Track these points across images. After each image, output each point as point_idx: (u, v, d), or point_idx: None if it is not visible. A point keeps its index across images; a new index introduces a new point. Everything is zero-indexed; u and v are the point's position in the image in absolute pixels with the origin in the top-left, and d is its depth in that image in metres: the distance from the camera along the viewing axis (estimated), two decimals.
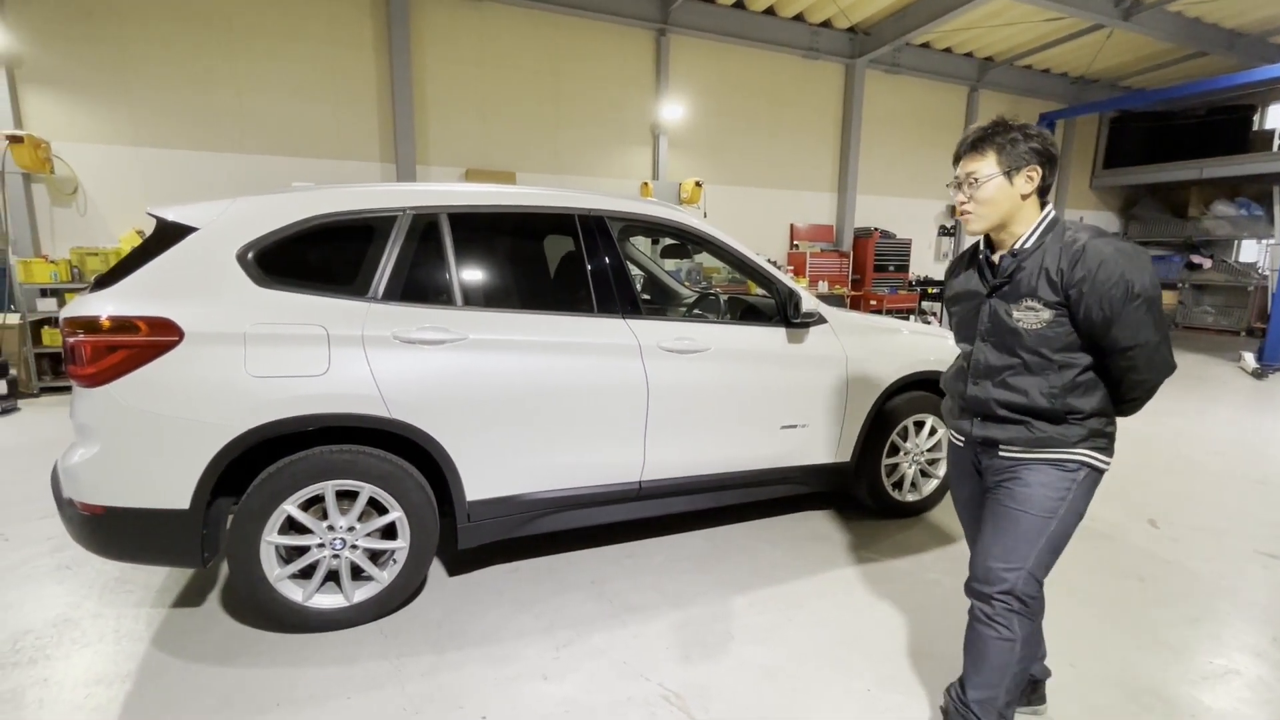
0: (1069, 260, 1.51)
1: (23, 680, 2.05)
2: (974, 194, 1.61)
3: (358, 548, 2.33)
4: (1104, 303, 1.48)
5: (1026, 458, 1.63)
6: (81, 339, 2.02)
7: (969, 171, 1.61)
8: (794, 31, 9.63)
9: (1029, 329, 1.58)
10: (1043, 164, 1.58)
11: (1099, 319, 1.50)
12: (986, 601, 1.64)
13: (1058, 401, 1.57)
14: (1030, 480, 1.61)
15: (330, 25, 7.33)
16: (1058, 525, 1.60)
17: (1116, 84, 12.66)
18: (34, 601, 2.52)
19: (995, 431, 1.66)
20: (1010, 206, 1.60)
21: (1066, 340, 1.56)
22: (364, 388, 2.20)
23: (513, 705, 1.98)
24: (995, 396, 1.65)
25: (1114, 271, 1.46)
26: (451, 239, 2.46)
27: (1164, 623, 2.50)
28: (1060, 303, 1.53)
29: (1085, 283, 1.49)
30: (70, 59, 6.39)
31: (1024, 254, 1.60)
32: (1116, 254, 1.48)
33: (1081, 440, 1.59)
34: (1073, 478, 1.60)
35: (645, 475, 2.71)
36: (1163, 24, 9.14)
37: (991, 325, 1.65)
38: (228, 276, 2.16)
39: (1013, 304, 1.60)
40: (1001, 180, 1.58)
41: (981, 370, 1.68)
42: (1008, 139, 1.57)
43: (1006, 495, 1.64)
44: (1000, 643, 1.61)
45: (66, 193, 6.56)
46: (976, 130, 1.61)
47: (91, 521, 2.08)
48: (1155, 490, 3.97)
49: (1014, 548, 1.61)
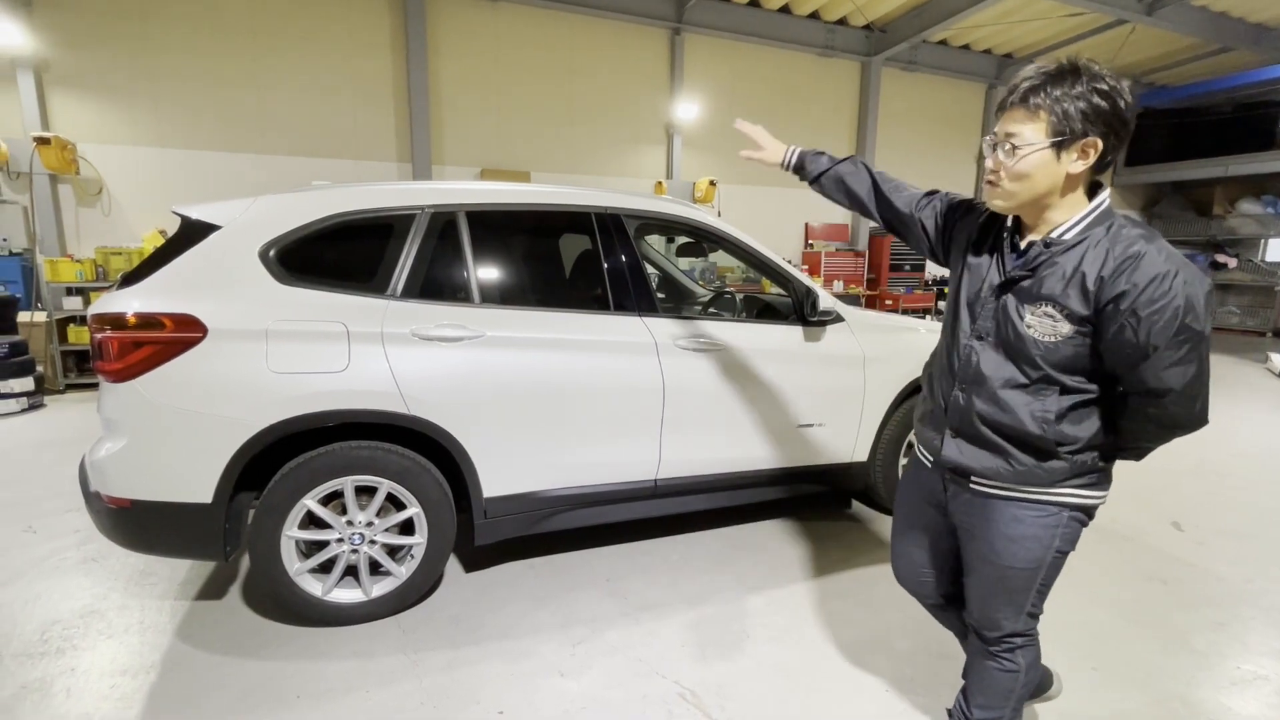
0: (1114, 266, 1.19)
1: (50, 670, 2.10)
2: (1009, 163, 1.25)
3: (376, 543, 2.35)
4: (1142, 329, 1.17)
5: (1003, 495, 1.38)
6: (109, 335, 2.05)
7: (1009, 133, 1.25)
8: (809, 29, 9.58)
9: (1039, 339, 1.28)
10: (1107, 134, 1.20)
11: (1131, 350, 1.20)
12: (985, 642, 1.53)
13: (1050, 429, 1.30)
14: (1009, 531, 1.38)
15: (349, 27, 7.41)
16: (1047, 571, 1.41)
17: (1139, 80, 12.43)
18: (61, 593, 2.57)
19: (970, 459, 1.40)
20: (1049, 186, 1.25)
21: (1079, 363, 1.27)
22: (383, 384, 2.22)
23: (529, 701, 1.98)
24: (980, 410, 1.37)
25: (1169, 294, 1.15)
26: (469, 237, 2.47)
27: (1189, 627, 2.46)
28: (1088, 318, 1.23)
29: (1126, 299, 1.17)
30: (96, 62, 6.52)
31: (1058, 247, 1.26)
32: (1176, 271, 1.15)
33: (1067, 478, 1.34)
34: (1057, 519, 1.37)
35: (661, 473, 2.71)
36: (1187, 19, 8.96)
37: (996, 324, 1.35)
38: (250, 274, 2.19)
39: (1027, 305, 1.29)
40: (1048, 154, 1.21)
41: (971, 375, 1.39)
42: (1070, 95, 1.17)
43: (987, 549, 1.42)
44: (1004, 674, 1.52)
45: (92, 193, 6.68)
46: (1036, 75, 1.21)
47: (117, 514, 2.11)
48: (1179, 493, 3.90)
49: (1011, 599, 1.45)
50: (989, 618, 1.49)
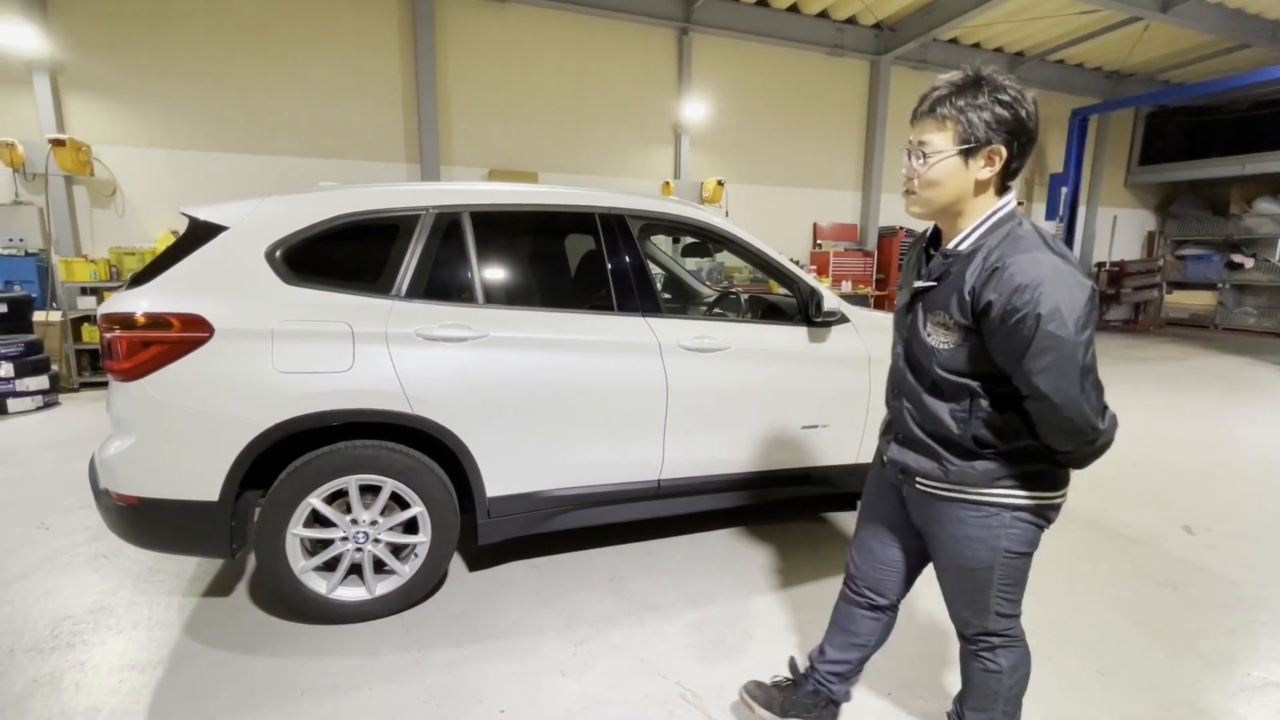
0: (985, 277, 1.22)
1: (60, 664, 2.13)
2: (922, 171, 1.30)
3: (380, 541, 2.36)
4: (1011, 337, 1.20)
5: (943, 495, 1.42)
6: (118, 334, 2.08)
7: (921, 141, 1.30)
8: (818, 28, 9.53)
9: (938, 346, 1.33)
10: (1010, 142, 1.24)
11: (1004, 356, 1.24)
12: (965, 640, 1.57)
13: (966, 429, 1.34)
14: (954, 532, 1.43)
15: (358, 29, 7.46)
16: (1002, 570, 1.42)
17: (1154, 78, 12.29)
18: (72, 589, 2.60)
19: (912, 460, 1.46)
20: (960, 193, 1.28)
21: (978, 366, 1.31)
22: (387, 384, 2.24)
23: (531, 700, 1.99)
24: (911, 415, 1.44)
25: (1029, 301, 1.16)
26: (473, 237, 2.48)
27: (1199, 632, 2.42)
28: (969, 327, 1.27)
29: (993, 308, 1.20)
30: (110, 65, 6.60)
31: (955, 257, 1.30)
32: (1040, 281, 1.16)
33: (1000, 479, 1.35)
34: (997, 520, 1.37)
35: (664, 474, 2.71)
36: (1203, 15, 8.84)
37: (910, 333, 1.42)
38: (256, 274, 2.21)
39: (929, 314, 1.34)
40: (956, 161, 1.26)
41: (896, 383, 1.48)
42: (972, 105, 1.22)
43: (941, 548, 1.48)
44: (986, 674, 1.53)
45: (106, 194, 6.77)
46: (944, 86, 1.26)
47: (126, 511, 2.14)
48: (1192, 496, 3.85)
49: (972, 599, 1.48)
50: (958, 615, 1.54)
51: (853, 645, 1.76)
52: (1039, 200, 12.39)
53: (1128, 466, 4.39)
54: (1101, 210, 13.21)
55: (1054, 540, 3.20)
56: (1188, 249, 13.54)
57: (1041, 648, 2.29)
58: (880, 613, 1.73)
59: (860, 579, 1.73)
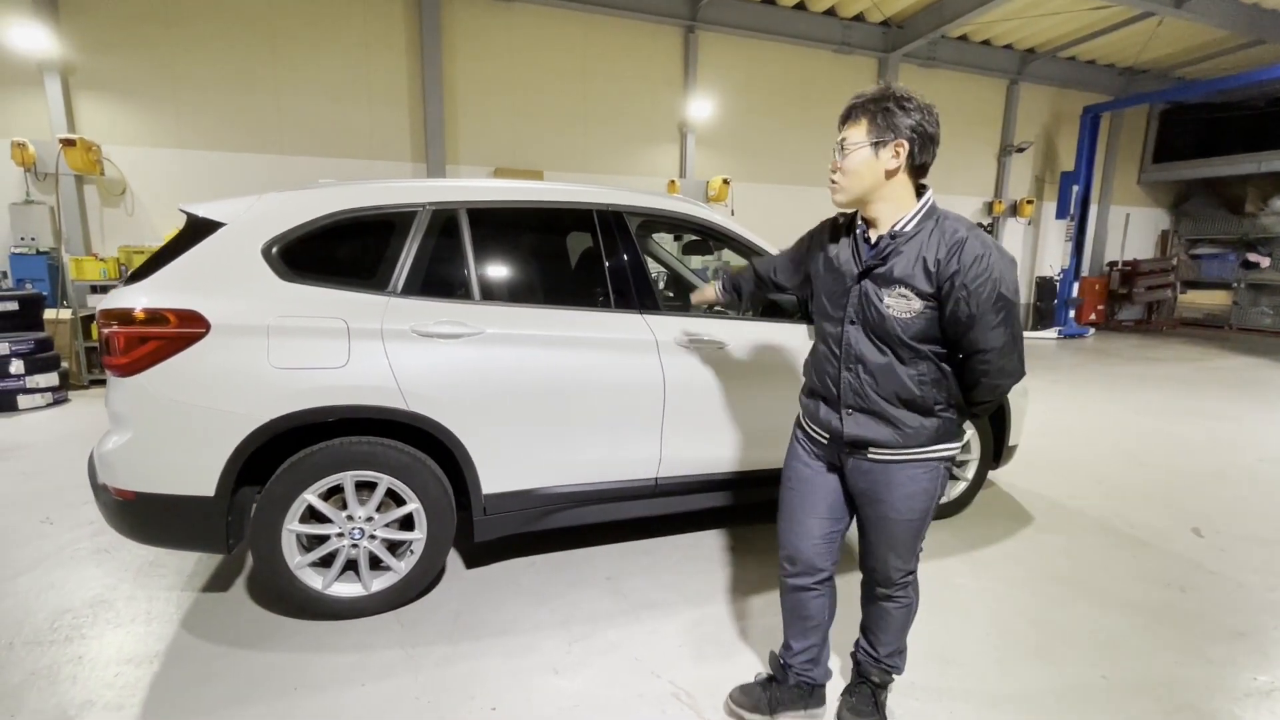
0: (947, 250, 1.47)
1: (59, 657, 2.14)
2: (841, 161, 1.56)
3: (376, 538, 2.36)
4: (971, 300, 1.45)
5: (895, 459, 1.61)
6: (115, 330, 2.09)
7: (842, 137, 1.57)
8: (825, 26, 9.49)
9: (898, 316, 1.52)
10: (913, 141, 1.50)
11: (964, 316, 1.47)
12: (889, 586, 1.76)
13: (926, 390, 1.56)
14: (905, 490, 1.62)
15: (364, 29, 7.50)
16: (929, 515, 1.69)
17: (1167, 74, 12.13)
18: (74, 582, 2.62)
19: (870, 431, 1.61)
20: (873, 181, 1.54)
21: (931, 332, 1.53)
22: (382, 380, 2.23)
23: (524, 698, 1.98)
24: (868, 383, 1.59)
25: (986, 271, 1.44)
26: (470, 234, 2.48)
27: (1206, 636, 2.38)
28: (933, 294, 1.49)
29: (959, 276, 1.45)
30: (120, 66, 6.68)
31: (903, 237, 1.53)
32: (991, 254, 1.45)
33: (939, 436, 1.61)
34: (936, 472, 1.64)
35: (662, 472, 2.69)
36: (1218, 10, 8.72)
37: (862, 309, 1.58)
38: (253, 270, 2.21)
39: (884, 288, 1.54)
40: (868, 152, 1.52)
41: (854, 355, 1.61)
42: (881, 109, 1.50)
43: (887, 507, 1.65)
44: (902, 610, 1.78)
45: (115, 193, 6.85)
46: (863, 97, 1.55)
47: (123, 506, 2.15)
48: (1202, 497, 3.78)
49: (906, 549, 1.70)
50: (892, 567, 1.72)
51: (810, 629, 1.86)
52: (1050, 199, 12.27)
53: (1137, 468, 4.32)
54: (1114, 209, 13.06)
55: (1060, 542, 3.16)
56: (1202, 248, 13.36)
57: (1045, 650, 2.26)
58: (822, 587, 1.84)
59: (798, 560, 1.82)
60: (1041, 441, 4.79)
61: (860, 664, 1.89)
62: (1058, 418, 5.66)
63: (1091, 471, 4.22)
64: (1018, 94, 11.31)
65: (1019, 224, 12.24)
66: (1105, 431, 5.26)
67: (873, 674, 1.85)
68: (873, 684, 1.85)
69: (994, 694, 2.03)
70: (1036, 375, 7.56)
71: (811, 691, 1.89)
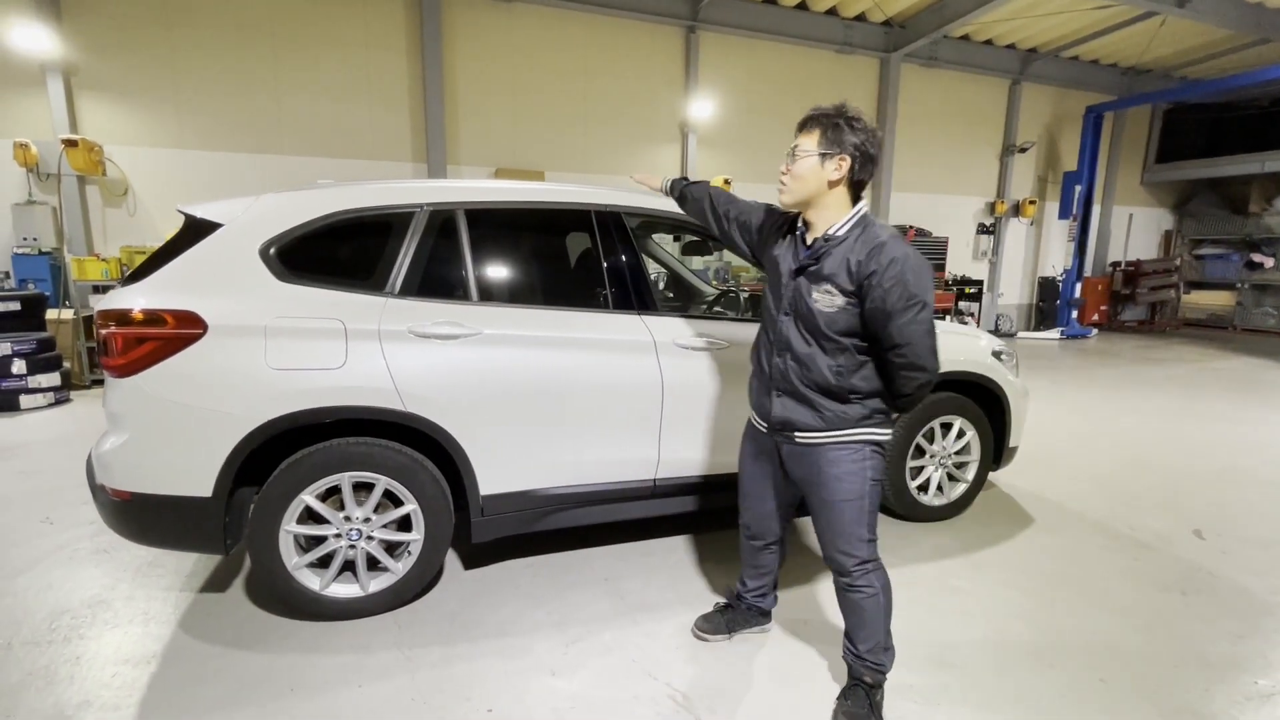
0: (866, 253, 1.64)
1: (56, 658, 2.15)
2: (792, 166, 1.72)
3: (373, 539, 2.36)
4: (887, 297, 1.61)
5: (820, 442, 1.79)
6: (113, 331, 2.09)
7: (795, 144, 1.73)
8: (827, 26, 9.48)
9: (823, 310, 1.70)
10: (855, 158, 1.67)
11: (881, 313, 1.63)
12: (847, 575, 1.86)
13: (843, 380, 1.73)
14: (833, 472, 1.79)
15: (365, 30, 7.51)
16: (869, 499, 1.81)
17: (1171, 74, 12.09)
18: (72, 583, 2.63)
19: (794, 413, 1.80)
20: (817, 188, 1.70)
21: (853, 326, 1.70)
22: (380, 381, 2.23)
23: (519, 700, 1.98)
24: (795, 369, 1.78)
25: (899, 273, 1.60)
26: (467, 235, 2.47)
27: (1206, 639, 2.37)
28: (853, 291, 1.66)
29: (875, 276, 1.62)
30: (122, 67, 6.70)
31: (834, 241, 1.71)
32: (905, 258, 1.62)
33: (862, 419, 1.77)
34: (862, 454, 1.79)
35: (660, 473, 2.68)
36: (1221, 10, 8.69)
37: (794, 303, 1.77)
38: (250, 271, 2.21)
39: (814, 285, 1.72)
40: (815, 161, 1.69)
41: (784, 343, 1.80)
42: (832, 124, 1.68)
43: (822, 490, 1.82)
44: (869, 600, 1.85)
45: (117, 194, 6.87)
46: (815, 108, 1.73)
47: (121, 507, 2.16)
48: (1203, 499, 3.77)
49: (850, 532, 1.81)
50: (839, 553, 1.85)
51: (761, 574, 2.24)
52: (1052, 199, 12.24)
53: (1138, 469, 4.31)
54: (1117, 209, 13.02)
55: (1061, 543, 3.15)
56: (1206, 248, 13.30)
57: (1044, 653, 2.25)
58: (771, 547, 2.19)
59: (752, 527, 2.16)
60: (1043, 443, 4.77)
61: (850, 665, 1.93)
62: (1059, 419, 5.64)
63: (1092, 473, 4.20)
64: (1020, 94, 11.28)
65: (1021, 224, 12.22)
66: (1107, 433, 5.24)
67: (863, 675, 1.89)
68: (865, 685, 1.89)
69: (992, 697, 2.03)
70: (1038, 376, 7.54)
71: (760, 615, 2.30)
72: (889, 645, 1.90)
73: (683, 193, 2.33)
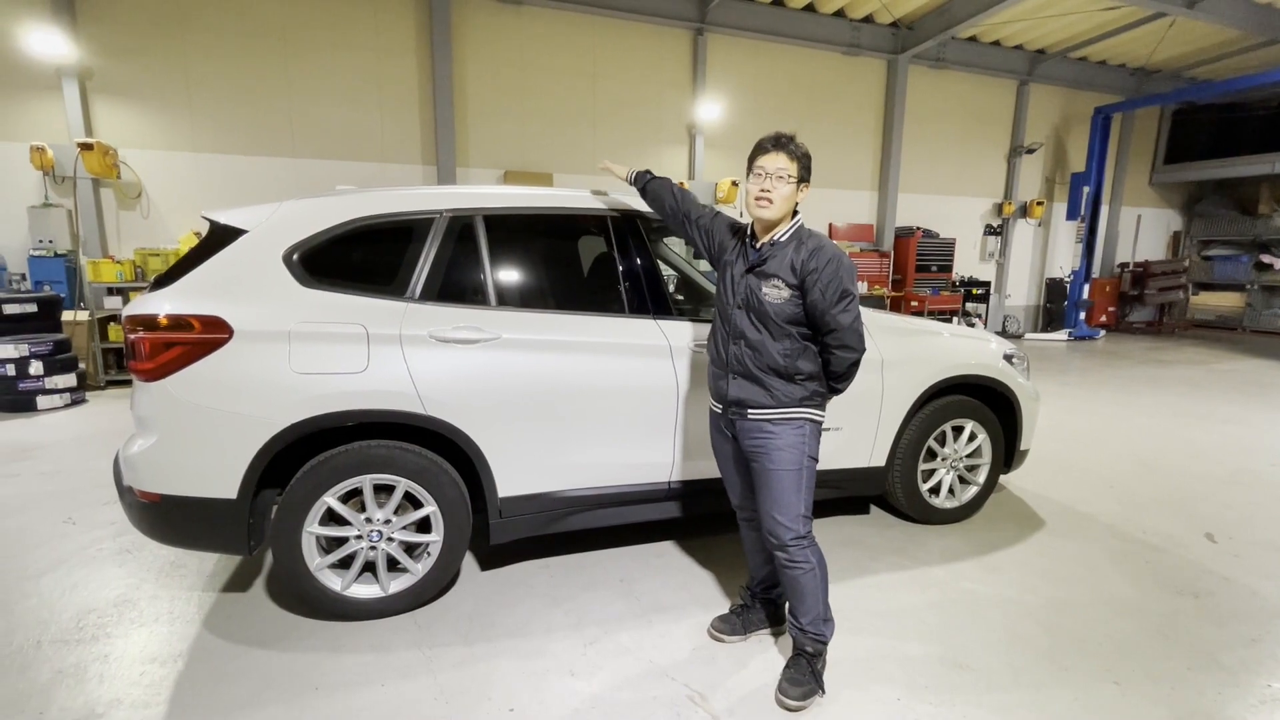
0: (807, 254, 1.94)
1: (85, 656, 2.19)
2: (777, 187, 1.96)
3: (394, 540, 2.40)
4: (824, 291, 1.91)
5: (769, 418, 2.01)
6: (141, 335, 2.13)
7: (780, 167, 1.96)
8: (834, 28, 9.48)
9: (773, 303, 1.97)
10: (808, 181, 2.03)
11: (819, 303, 1.92)
12: (784, 550, 2.03)
13: (790, 362, 1.98)
14: (777, 444, 2.00)
15: (375, 34, 7.56)
16: (805, 472, 2.02)
17: (1180, 75, 12.05)
18: (97, 582, 2.67)
19: (747, 393, 2.03)
20: (788, 208, 2.00)
21: (797, 315, 1.97)
22: (401, 385, 2.27)
23: (540, 700, 2.01)
24: (747, 354, 2.02)
25: (833, 271, 1.91)
26: (486, 240, 2.51)
27: (1219, 642, 2.38)
28: (797, 285, 1.94)
29: (814, 274, 1.91)
30: (136, 71, 6.76)
31: (779, 245, 2.01)
32: (839, 259, 1.93)
33: (804, 399, 2.01)
34: (802, 432, 2.02)
35: (674, 476, 2.71)
36: (1231, 10, 8.66)
37: (746, 297, 2.03)
38: (274, 277, 2.25)
39: (763, 281, 1.99)
40: (793, 186, 1.98)
41: (738, 333, 2.04)
42: (800, 154, 1.99)
43: (766, 459, 2.02)
44: (807, 575, 2.03)
45: (131, 197, 6.94)
46: (787, 136, 2.00)
47: (148, 508, 2.20)
48: (1215, 502, 3.77)
49: (786, 502, 2.01)
50: (776, 523, 2.03)
51: (766, 560, 2.32)
52: (1060, 200, 12.21)
53: (1149, 472, 4.31)
54: (1125, 210, 12.98)
55: (1072, 546, 3.16)
56: (1215, 249, 13.24)
57: (1058, 656, 2.27)
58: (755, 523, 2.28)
59: (742, 507, 2.32)
60: (1053, 445, 4.78)
61: (794, 638, 2.11)
62: (1069, 421, 5.64)
63: (1103, 476, 4.21)
64: (1028, 95, 11.26)
65: (1029, 225, 12.19)
66: (1117, 435, 5.24)
67: (806, 645, 2.07)
68: (807, 654, 2.07)
69: (1006, 699, 2.04)
70: (1047, 378, 7.53)
71: (775, 612, 2.38)
72: (828, 617, 2.09)
73: (646, 186, 2.52)
